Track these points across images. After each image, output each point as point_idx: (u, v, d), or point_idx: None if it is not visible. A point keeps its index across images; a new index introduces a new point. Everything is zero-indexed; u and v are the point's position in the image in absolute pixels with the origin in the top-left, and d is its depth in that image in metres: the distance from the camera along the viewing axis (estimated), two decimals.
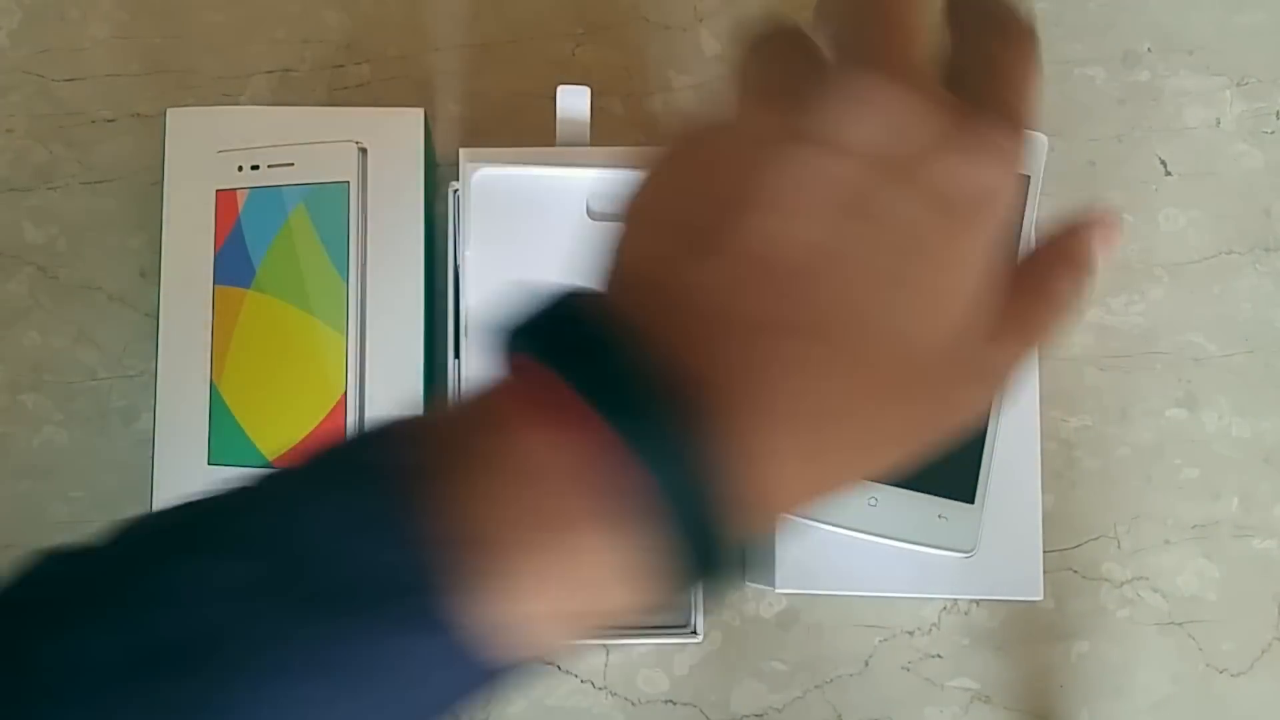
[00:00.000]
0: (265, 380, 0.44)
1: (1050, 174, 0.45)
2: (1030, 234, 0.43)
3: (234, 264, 0.44)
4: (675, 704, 0.48)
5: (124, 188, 0.49)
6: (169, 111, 0.44)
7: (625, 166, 0.24)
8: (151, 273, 0.46)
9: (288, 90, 0.50)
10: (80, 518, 0.48)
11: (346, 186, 0.44)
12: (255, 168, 0.44)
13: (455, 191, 0.44)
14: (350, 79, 0.51)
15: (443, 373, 0.45)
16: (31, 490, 0.48)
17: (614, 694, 0.48)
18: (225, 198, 0.44)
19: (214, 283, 0.44)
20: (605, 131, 0.51)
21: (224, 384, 0.44)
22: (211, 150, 0.44)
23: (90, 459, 0.48)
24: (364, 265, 0.44)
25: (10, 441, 0.48)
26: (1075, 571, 0.49)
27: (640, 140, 0.51)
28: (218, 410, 0.44)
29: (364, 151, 0.44)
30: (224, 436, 0.44)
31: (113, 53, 0.50)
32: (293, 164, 0.44)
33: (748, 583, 0.48)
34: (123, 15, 0.51)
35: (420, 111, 0.45)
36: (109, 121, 0.50)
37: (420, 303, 0.44)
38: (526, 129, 0.51)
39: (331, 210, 0.44)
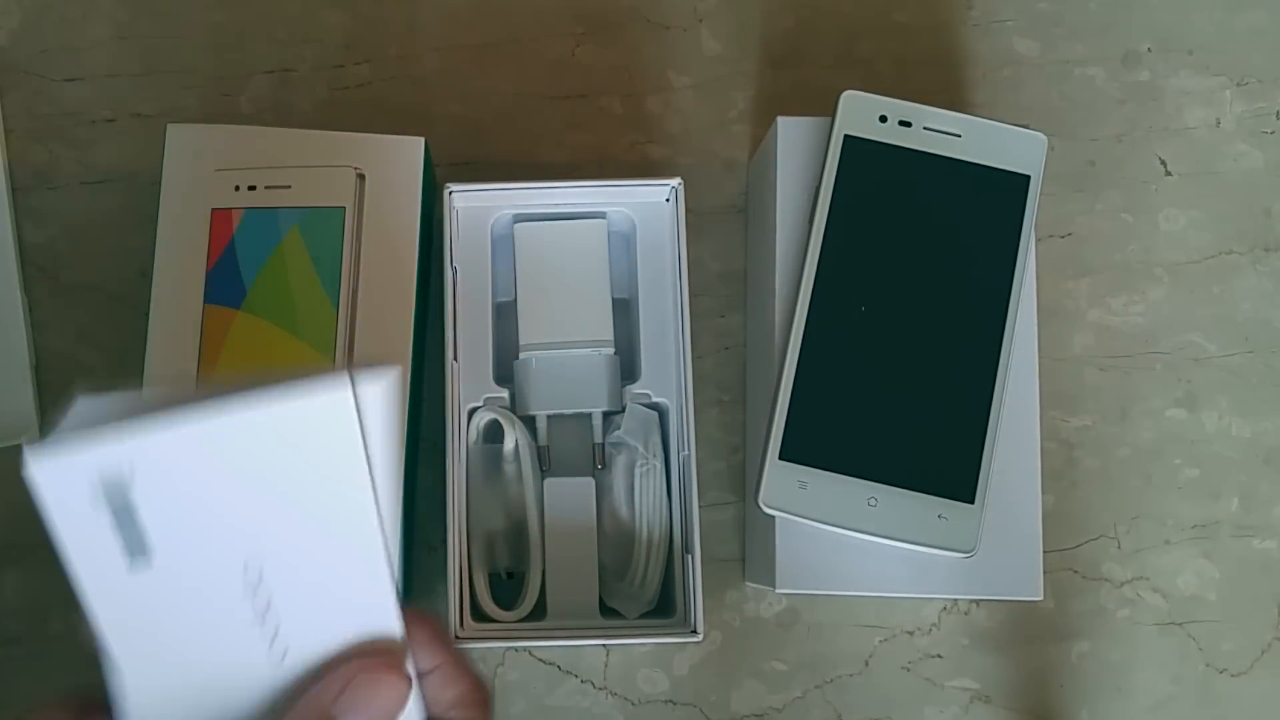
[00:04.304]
0: None
1: (1050, 174, 0.45)
2: (1030, 234, 0.43)
3: (225, 283, 0.43)
4: (675, 704, 0.48)
5: (124, 188, 0.49)
6: (169, 127, 0.44)
7: None
8: (151, 274, 0.46)
9: (288, 90, 0.50)
10: None
11: (343, 212, 0.44)
12: (252, 188, 0.44)
13: (450, 194, 0.44)
14: (350, 79, 0.51)
15: (434, 389, 0.45)
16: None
17: (614, 694, 0.48)
18: (220, 217, 0.44)
19: (204, 301, 0.43)
20: (605, 131, 0.51)
21: None
22: (209, 168, 0.44)
23: None
24: (355, 291, 0.43)
25: None
26: (1075, 571, 0.49)
27: (640, 140, 0.51)
28: None
29: (362, 177, 0.44)
30: None
31: (113, 53, 0.50)
32: (290, 186, 0.44)
33: (748, 583, 0.48)
34: (123, 15, 0.51)
35: (421, 140, 0.45)
36: (109, 121, 0.50)
37: (410, 331, 0.43)
38: (526, 129, 0.51)
39: (326, 234, 0.43)
